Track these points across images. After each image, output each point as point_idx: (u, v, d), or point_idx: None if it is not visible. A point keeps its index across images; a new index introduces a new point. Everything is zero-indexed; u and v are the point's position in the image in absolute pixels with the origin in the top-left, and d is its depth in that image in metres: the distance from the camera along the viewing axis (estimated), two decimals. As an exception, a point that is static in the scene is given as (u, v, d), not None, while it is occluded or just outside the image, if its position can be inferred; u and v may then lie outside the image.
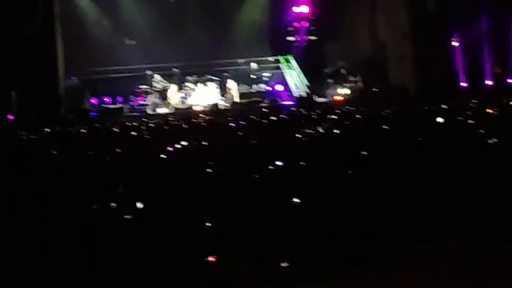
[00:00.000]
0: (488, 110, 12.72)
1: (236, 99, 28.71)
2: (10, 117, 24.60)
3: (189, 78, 29.03)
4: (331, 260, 5.10)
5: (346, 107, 21.59)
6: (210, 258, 4.83)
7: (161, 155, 9.11)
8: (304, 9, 32.09)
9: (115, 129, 16.99)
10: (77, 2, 29.97)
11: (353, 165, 7.52)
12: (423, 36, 27.07)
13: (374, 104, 20.04)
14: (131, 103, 28.74)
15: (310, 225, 5.72)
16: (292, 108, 24.06)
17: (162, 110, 27.64)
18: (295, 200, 6.08)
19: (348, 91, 29.52)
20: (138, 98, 28.74)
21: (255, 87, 30.01)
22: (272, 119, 16.48)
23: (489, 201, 6.11)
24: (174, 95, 28.23)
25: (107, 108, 28.16)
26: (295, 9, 32.20)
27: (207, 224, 5.49)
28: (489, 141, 8.20)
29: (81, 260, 4.81)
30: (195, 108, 27.47)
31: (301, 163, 7.69)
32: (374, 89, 28.24)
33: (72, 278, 4.60)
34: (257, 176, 7.13)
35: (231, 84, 29.00)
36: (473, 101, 17.03)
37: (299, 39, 32.55)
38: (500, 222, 5.66)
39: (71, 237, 5.13)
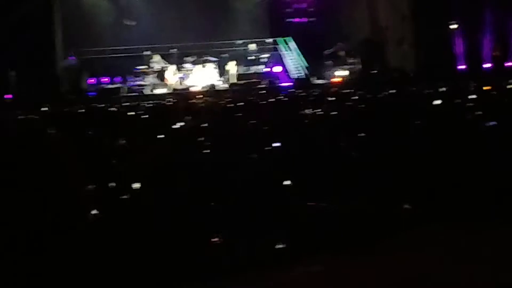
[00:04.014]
0: (485, 88, 12.71)
1: (234, 80, 28.69)
2: (8, 96, 24.56)
3: (187, 59, 28.97)
4: (327, 242, 5.12)
5: (345, 89, 21.55)
6: (210, 239, 4.85)
7: (159, 135, 9.10)
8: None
9: (113, 109, 16.94)
10: (76, -19, 29.88)
11: (351, 147, 7.53)
12: (423, 18, 27.01)
13: (373, 86, 20.00)
14: (129, 83, 28.75)
15: (309, 207, 5.74)
16: (290, 90, 24.01)
17: (160, 91, 27.60)
18: (290, 182, 6.10)
19: (347, 73, 29.50)
20: (137, 78, 28.83)
21: (253, 69, 29.99)
22: (270, 101, 16.45)
23: (481, 185, 6.14)
24: (172, 75, 28.18)
25: (105, 88, 28.13)
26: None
27: (205, 204, 5.51)
28: (488, 124, 8.20)
29: (79, 242, 4.83)
30: (193, 89, 27.45)
31: (300, 144, 7.69)
32: (373, 71, 28.21)
33: (70, 259, 4.62)
34: (255, 155, 7.14)
35: (229, 65, 28.98)
36: (473, 84, 17.00)
37: (298, 20, 32.48)
38: (490, 205, 5.69)
39: (69, 220, 5.13)
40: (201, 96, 22.26)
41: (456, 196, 5.98)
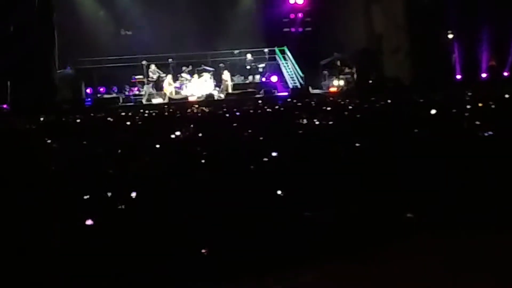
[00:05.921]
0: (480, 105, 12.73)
1: (229, 90, 28.76)
2: (4, 106, 24.56)
3: (184, 68, 29.01)
4: (322, 250, 5.14)
5: (341, 98, 21.60)
6: (203, 246, 4.87)
7: (156, 145, 9.11)
8: (299, 0, 32.12)
9: (109, 119, 16.95)
10: (73, -9, 29.91)
11: (347, 156, 7.54)
12: (419, 27, 27.09)
13: (368, 95, 20.05)
14: (126, 93, 28.77)
15: (303, 216, 5.75)
16: (287, 99, 24.04)
17: (157, 100, 27.64)
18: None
19: (343, 83, 29.58)
20: (134, 88, 28.85)
21: (250, 78, 30.05)
22: (267, 110, 16.48)
23: (478, 192, 6.16)
24: (169, 85, 28.22)
25: (102, 98, 28.13)
26: (291, 0, 32.22)
27: (202, 213, 5.51)
28: (484, 134, 8.23)
29: (75, 251, 4.84)
30: (190, 98, 27.49)
31: (296, 154, 7.70)
32: (369, 81, 28.27)
33: (66, 268, 4.62)
34: (252, 167, 7.14)
35: (226, 75, 29.03)
36: (468, 93, 17.04)
37: (294, 30, 32.54)
38: (488, 213, 5.71)
39: (65, 227, 5.14)
40: (197, 106, 22.29)
41: (454, 203, 6.00)
